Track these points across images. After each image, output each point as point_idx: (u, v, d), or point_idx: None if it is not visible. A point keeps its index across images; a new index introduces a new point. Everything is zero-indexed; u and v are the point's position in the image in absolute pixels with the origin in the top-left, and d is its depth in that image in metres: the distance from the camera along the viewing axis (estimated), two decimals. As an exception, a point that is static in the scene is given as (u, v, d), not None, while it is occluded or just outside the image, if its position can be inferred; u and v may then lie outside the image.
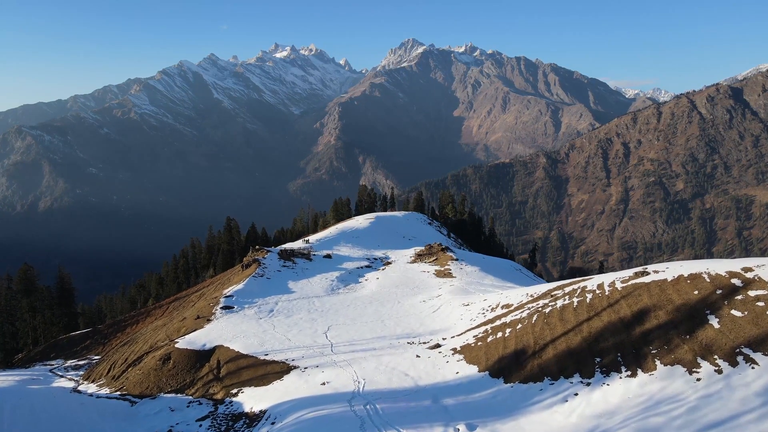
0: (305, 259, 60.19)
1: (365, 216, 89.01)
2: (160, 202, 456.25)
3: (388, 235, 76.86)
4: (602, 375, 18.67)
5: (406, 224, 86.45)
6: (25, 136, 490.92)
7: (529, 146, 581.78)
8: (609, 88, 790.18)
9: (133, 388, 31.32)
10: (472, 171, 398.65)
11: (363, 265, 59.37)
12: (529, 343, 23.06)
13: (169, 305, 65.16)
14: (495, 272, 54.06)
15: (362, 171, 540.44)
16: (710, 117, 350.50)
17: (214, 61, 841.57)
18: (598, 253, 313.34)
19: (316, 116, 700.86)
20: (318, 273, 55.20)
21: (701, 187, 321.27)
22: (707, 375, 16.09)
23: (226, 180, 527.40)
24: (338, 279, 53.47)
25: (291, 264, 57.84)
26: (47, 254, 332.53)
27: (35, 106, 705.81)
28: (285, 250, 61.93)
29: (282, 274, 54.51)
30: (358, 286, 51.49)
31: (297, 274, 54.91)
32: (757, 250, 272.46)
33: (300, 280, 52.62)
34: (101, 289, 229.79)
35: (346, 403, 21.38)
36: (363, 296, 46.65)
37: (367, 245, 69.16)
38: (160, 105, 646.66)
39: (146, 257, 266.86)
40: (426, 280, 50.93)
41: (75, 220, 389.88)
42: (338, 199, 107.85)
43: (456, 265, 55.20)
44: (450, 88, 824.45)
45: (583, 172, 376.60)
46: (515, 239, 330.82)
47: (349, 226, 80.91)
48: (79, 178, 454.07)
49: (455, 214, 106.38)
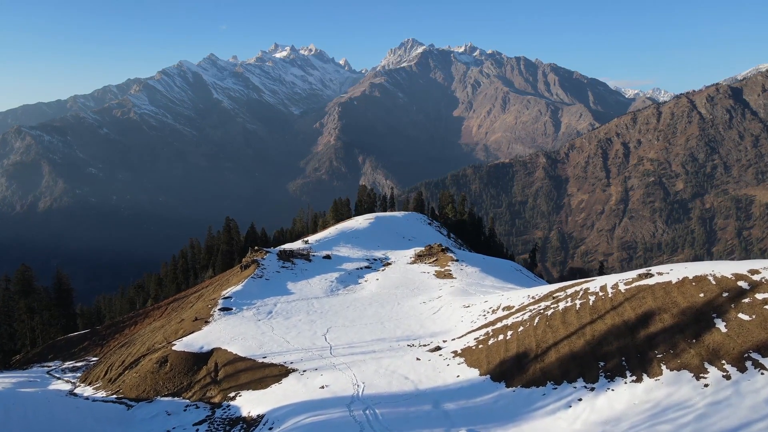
0: (304, 260, 59.57)
1: (365, 216, 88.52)
2: (160, 202, 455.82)
3: (387, 235, 76.38)
4: (607, 380, 18.29)
5: (405, 224, 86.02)
6: (24, 137, 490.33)
7: (529, 146, 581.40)
8: (609, 88, 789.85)
9: (130, 391, 30.93)
10: (472, 171, 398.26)
11: (362, 266, 58.79)
12: (531, 347, 22.68)
13: (167, 306, 64.77)
14: (495, 273, 53.69)
15: (362, 171, 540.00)
16: (710, 117, 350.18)
17: (213, 61, 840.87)
18: (598, 253, 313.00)
19: (316, 116, 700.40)
20: (317, 274, 54.65)
21: (701, 187, 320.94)
22: (715, 381, 15.69)
23: (226, 180, 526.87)
24: (338, 280, 52.95)
25: (290, 265, 57.25)
26: (47, 254, 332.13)
27: (35, 106, 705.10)
28: (284, 251, 61.28)
29: (281, 275, 53.93)
30: (358, 287, 51.00)
31: (296, 275, 54.34)
32: (756, 250, 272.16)
33: (299, 281, 52.10)
34: (101, 289, 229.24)
35: (345, 408, 20.99)
36: (362, 297, 46.21)
37: (367, 246, 68.70)
38: (160, 105, 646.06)
39: (146, 257, 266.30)
40: (426, 281, 50.47)
41: (74, 221, 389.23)
42: (338, 200, 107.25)
43: (456, 266, 54.75)
44: (450, 88, 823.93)
45: (583, 172, 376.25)
46: (515, 239, 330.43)
47: (349, 226, 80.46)
48: (78, 179, 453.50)
49: (455, 214, 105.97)
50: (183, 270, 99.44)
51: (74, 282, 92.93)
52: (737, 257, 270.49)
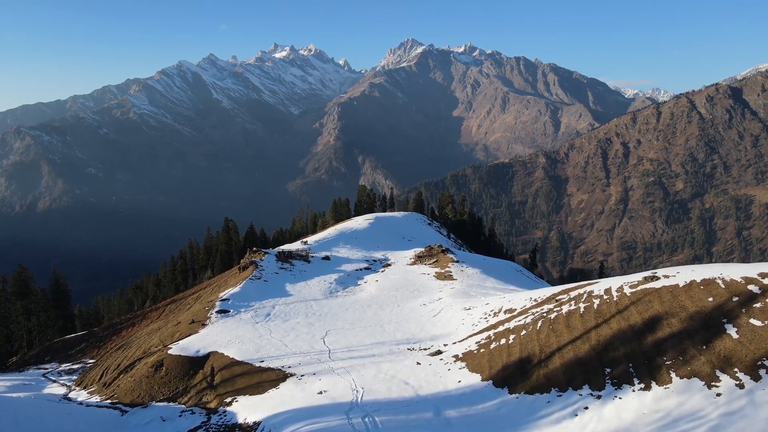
0: (303, 261, 58.76)
1: (364, 217, 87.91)
2: (159, 203, 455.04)
3: (387, 236, 75.74)
4: (613, 387, 17.70)
5: (405, 225, 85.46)
6: (24, 137, 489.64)
7: (529, 146, 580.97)
8: (608, 88, 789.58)
9: (125, 395, 30.33)
10: (472, 171, 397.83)
11: (362, 267, 57.99)
12: (534, 351, 22.11)
13: (165, 308, 64.10)
14: (496, 274, 53.13)
15: (362, 171, 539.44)
16: (710, 117, 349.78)
17: (213, 62, 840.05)
18: (598, 253, 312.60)
19: (316, 116, 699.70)
20: (316, 275, 53.85)
21: (701, 186, 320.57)
22: (728, 390, 15.09)
23: (226, 180, 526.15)
24: (336, 281, 52.19)
25: (289, 266, 56.48)
26: (46, 255, 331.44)
27: (34, 106, 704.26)
28: (283, 252, 60.45)
29: (279, 276, 53.19)
30: (357, 288, 50.35)
31: (295, 276, 53.56)
32: (756, 250, 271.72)
33: (298, 282, 51.33)
34: (100, 289, 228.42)
35: (343, 416, 20.41)
36: (362, 299, 45.55)
37: (367, 246, 68.02)
38: (160, 105, 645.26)
39: (146, 258, 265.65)
40: (426, 282, 49.78)
41: (74, 221, 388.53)
42: (337, 200, 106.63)
43: (457, 267, 54.09)
44: (449, 88, 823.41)
45: (583, 172, 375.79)
46: (515, 239, 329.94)
47: (348, 227, 79.83)
48: (78, 179, 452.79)
49: (455, 214, 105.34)
50: (182, 271, 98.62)
51: (73, 282, 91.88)
52: (737, 257, 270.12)
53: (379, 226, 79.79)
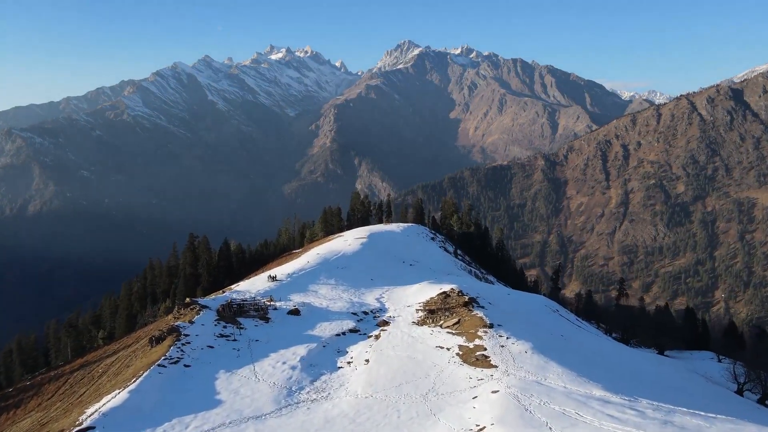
0: (259, 320, 42.34)
1: (356, 233, 78.46)
2: (153, 205, 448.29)
3: (384, 261, 64.13)
4: None
5: (405, 243, 76.29)
6: (15, 139, 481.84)
7: (526, 148, 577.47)
8: (605, 90, 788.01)
9: None
10: (470, 173, 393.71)
11: (346, 330, 41.33)
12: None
13: (67, 380, 45.35)
14: (547, 343, 37.08)
15: (358, 173, 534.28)
16: (710, 118, 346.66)
17: (208, 63, 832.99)
18: (598, 257, 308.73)
19: (312, 118, 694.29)
20: (273, 350, 36.34)
21: (702, 189, 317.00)
22: None
23: (220, 182, 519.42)
24: (303, 365, 34.05)
25: (234, 331, 39.24)
26: (36, 258, 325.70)
27: (27, 108, 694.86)
28: (229, 305, 43.81)
29: (213, 354, 35.34)
30: (334, 380, 32.24)
31: (238, 353, 35.90)
32: (759, 254, 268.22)
33: (239, 369, 33.07)
34: (91, 294, 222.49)
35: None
36: (338, 416, 26.71)
37: (356, 281, 54.91)
38: (154, 107, 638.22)
39: (138, 261, 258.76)
40: (446, 370, 31.64)
41: (65, 224, 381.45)
42: (328, 208, 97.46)
43: (491, 338, 36.19)
44: (446, 89, 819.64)
45: (582, 175, 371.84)
46: (514, 243, 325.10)
47: (335, 249, 67.64)
48: (69, 181, 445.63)
49: (461, 226, 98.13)
50: (138, 297, 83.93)
51: (64, 287, 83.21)
52: (740, 261, 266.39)
53: (373, 248, 68.68)
